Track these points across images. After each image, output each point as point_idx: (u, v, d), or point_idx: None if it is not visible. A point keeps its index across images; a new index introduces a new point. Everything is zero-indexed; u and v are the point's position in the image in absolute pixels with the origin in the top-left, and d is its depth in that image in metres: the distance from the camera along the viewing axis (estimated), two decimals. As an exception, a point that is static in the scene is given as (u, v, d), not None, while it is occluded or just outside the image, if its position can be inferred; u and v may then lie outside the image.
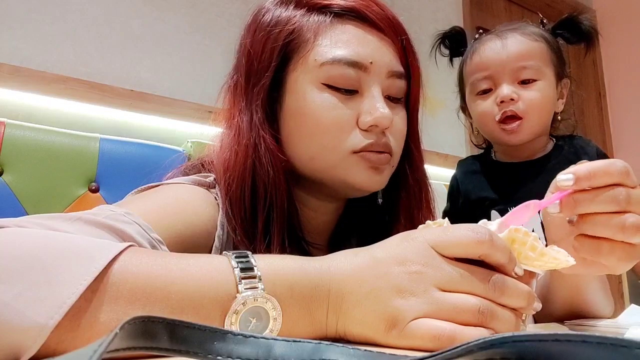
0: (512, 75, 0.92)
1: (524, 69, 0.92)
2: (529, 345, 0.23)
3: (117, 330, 0.24)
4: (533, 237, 0.40)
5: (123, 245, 0.35)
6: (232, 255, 0.37)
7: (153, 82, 1.54)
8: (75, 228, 0.40)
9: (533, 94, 0.92)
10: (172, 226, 0.51)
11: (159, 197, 0.55)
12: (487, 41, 0.97)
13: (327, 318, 0.38)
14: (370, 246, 0.41)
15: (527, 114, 0.91)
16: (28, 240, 0.34)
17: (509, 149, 1.00)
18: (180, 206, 0.54)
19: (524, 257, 0.40)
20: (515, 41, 0.94)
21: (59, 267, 0.32)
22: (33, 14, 1.37)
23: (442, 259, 0.38)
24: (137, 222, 0.45)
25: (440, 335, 0.35)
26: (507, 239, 0.40)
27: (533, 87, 0.92)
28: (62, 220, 0.40)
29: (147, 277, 0.34)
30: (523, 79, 0.92)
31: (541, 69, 0.93)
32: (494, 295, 0.37)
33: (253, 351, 0.30)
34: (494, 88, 0.94)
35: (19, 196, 0.84)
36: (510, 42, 0.94)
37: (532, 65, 0.92)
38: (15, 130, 0.86)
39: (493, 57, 0.94)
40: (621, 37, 2.99)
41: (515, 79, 0.92)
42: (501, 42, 0.94)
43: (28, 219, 0.38)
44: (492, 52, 0.94)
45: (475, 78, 0.96)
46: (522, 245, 0.40)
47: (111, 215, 0.44)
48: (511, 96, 0.90)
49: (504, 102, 0.91)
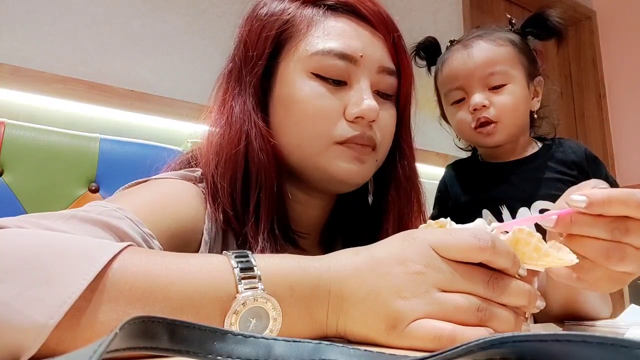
0: (481, 83, 0.94)
1: (492, 75, 0.94)
2: (529, 345, 0.23)
3: (117, 330, 0.24)
4: (537, 237, 0.40)
5: (122, 245, 0.35)
6: (232, 255, 0.37)
7: (153, 82, 1.54)
8: (70, 226, 0.40)
9: (504, 98, 0.94)
10: (162, 220, 0.51)
11: (148, 192, 0.55)
12: (455, 52, 0.99)
13: (327, 318, 0.38)
14: (371, 245, 0.41)
15: (500, 118, 0.94)
16: (27, 240, 0.34)
17: (490, 150, 1.03)
18: (168, 201, 0.54)
19: (528, 257, 0.40)
20: (480, 49, 0.96)
21: (58, 267, 0.32)
22: (33, 14, 1.37)
23: (442, 260, 0.38)
24: (128, 217, 0.45)
25: (441, 335, 0.35)
26: (512, 239, 0.41)
27: (504, 92, 0.94)
28: (56, 218, 0.40)
29: (147, 277, 0.34)
30: (492, 85, 0.94)
31: (509, 72, 0.95)
32: (493, 295, 0.38)
33: (253, 351, 0.30)
34: (467, 97, 0.96)
35: (19, 196, 0.84)
36: (475, 50, 0.96)
37: (499, 70, 0.94)
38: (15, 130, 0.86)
39: (460, 68, 0.96)
40: (621, 37, 2.99)
41: (485, 85, 0.95)
42: (467, 52, 0.97)
43: (23, 218, 0.38)
44: (458, 62, 0.97)
45: (448, 89, 0.99)
46: (525, 246, 0.40)
47: (104, 212, 0.44)
48: (483, 103, 0.93)
49: (477, 110, 0.94)
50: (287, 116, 0.59)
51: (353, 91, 0.58)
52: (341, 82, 0.59)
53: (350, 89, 0.59)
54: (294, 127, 0.59)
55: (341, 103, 0.58)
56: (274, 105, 0.60)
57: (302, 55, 0.58)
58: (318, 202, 0.66)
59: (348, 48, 0.58)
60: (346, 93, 0.59)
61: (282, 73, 0.60)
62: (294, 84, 0.58)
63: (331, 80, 0.58)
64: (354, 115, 0.57)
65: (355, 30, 0.59)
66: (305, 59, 0.58)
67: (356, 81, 0.59)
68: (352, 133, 0.57)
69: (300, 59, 0.59)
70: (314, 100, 0.58)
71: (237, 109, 0.60)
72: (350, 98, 0.58)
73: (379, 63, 0.60)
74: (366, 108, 0.57)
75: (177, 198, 0.55)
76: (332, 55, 0.58)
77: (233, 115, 0.60)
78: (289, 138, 0.59)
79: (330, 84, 0.58)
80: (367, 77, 0.59)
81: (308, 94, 0.58)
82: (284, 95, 0.59)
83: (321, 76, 0.58)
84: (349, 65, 0.58)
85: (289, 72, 0.59)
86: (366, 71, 0.59)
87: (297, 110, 0.58)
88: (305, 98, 0.58)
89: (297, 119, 0.58)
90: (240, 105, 0.60)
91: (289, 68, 0.59)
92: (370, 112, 0.57)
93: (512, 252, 0.39)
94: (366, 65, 0.59)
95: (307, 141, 0.58)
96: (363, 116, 0.57)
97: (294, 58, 0.59)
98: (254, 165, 0.57)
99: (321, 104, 0.58)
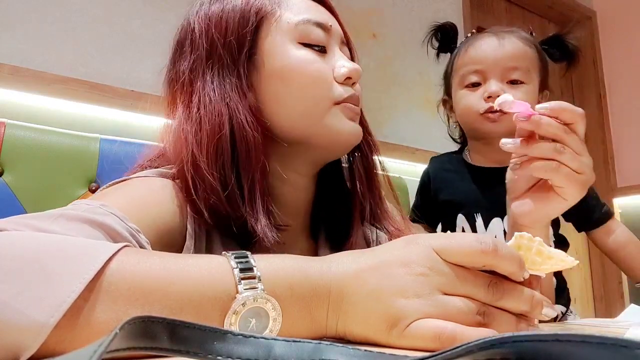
0: (503, 74, 0.95)
1: (515, 69, 0.95)
2: (529, 346, 0.23)
3: (117, 330, 0.24)
4: (538, 241, 0.41)
5: (118, 245, 0.35)
6: (232, 256, 0.37)
7: (153, 83, 1.54)
8: (59, 226, 0.39)
9: (519, 95, 0.94)
10: (146, 217, 0.50)
11: (129, 190, 0.54)
12: (485, 37, 1.00)
13: (327, 318, 0.38)
14: (373, 248, 0.42)
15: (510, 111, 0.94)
16: (26, 241, 0.34)
17: (483, 147, 1.02)
18: (150, 198, 0.53)
19: (530, 262, 0.41)
20: (512, 42, 0.97)
21: (57, 267, 0.32)
22: (33, 14, 1.37)
23: (445, 264, 0.38)
24: (113, 212, 0.45)
25: (441, 334, 0.35)
26: (514, 246, 0.41)
27: (520, 89, 0.95)
28: (45, 218, 0.40)
29: (146, 277, 0.34)
30: (512, 79, 0.95)
31: (530, 73, 0.96)
32: (493, 299, 0.38)
33: (253, 351, 0.30)
34: (483, 83, 0.97)
35: (19, 196, 0.84)
36: (507, 42, 0.97)
37: (523, 67, 0.95)
38: (15, 130, 0.86)
39: (489, 52, 0.97)
40: (621, 37, 2.99)
41: (505, 77, 0.95)
42: (498, 41, 0.97)
43: (12, 219, 0.38)
44: (488, 47, 0.98)
45: (467, 70, 0.99)
46: (527, 251, 0.41)
47: (88, 209, 0.44)
48: (499, 93, 0.93)
49: (491, 98, 0.94)
50: (286, 86, 0.60)
51: (334, 56, 0.63)
52: (323, 48, 0.63)
53: (331, 55, 0.63)
54: (297, 93, 0.60)
55: (329, 67, 0.62)
56: (266, 81, 0.60)
57: (286, 27, 0.61)
58: (301, 181, 0.66)
59: (321, 18, 0.63)
60: (329, 58, 0.63)
61: (268, 49, 0.61)
62: (286, 54, 0.60)
63: (316, 47, 0.62)
64: (344, 76, 0.61)
65: (315, 6, 0.65)
66: (291, 30, 0.61)
67: (332, 48, 0.64)
68: (348, 92, 0.62)
69: (285, 32, 0.61)
70: (310, 65, 0.61)
71: (214, 96, 0.59)
72: (335, 62, 0.62)
73: (341, 35, 0.66)
74: (353, 69, 0.62)
75: (158, 195, 0.55)
76: (312, 24, 0.62)
77: (210, 103, 0.58)
78: (289, 110, 0.60)
79: (316, 51, 0.62)
80: (336, 46, 0.64)
81: (303, 61, 0.61)
82: (278, 67, 0.60)
83: (307, 44, 0.61)
84: (325, 34, 0.63)
85: (276, 46, 0.61)
86: (334, 41, 0.64)
87: (297, 77, 0.60)
88: (302, 64, 0.60)
89: (298, 85, 0.60)
90: (218, 92, 0.59)
91: (275, 42, 0.61)
92: (357, 73, 0.62)
93: (516, 255, 0.40)
94: (334, 35, 0.64)
95: (312, 105, 0.60)
96: (351, 76, 0.62)
97: (278, 32, 0.61)
98: (244, 147, 0.56)
99: (316, 67, 0.61)
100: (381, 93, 2.05)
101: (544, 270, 0.41)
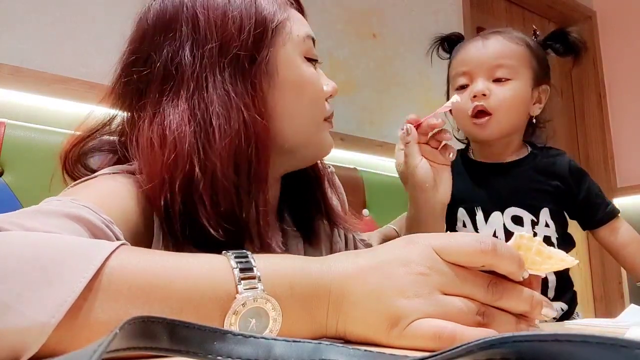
0: (487, 72, 0.97)
1: (500, 67, 0.96)
2: (529, 346, 0.23)
3: (117, 330, 0.24)
4: (538, 241, 0.41)
5: (115, 243, 0.35)
6: (232, 255, 0.37)
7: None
8: (38, 222, 0.39)
9: (505, 92, 0.96)
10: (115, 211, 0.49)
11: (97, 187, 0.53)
12: (472, 41, 1.03)
13: (327, 318, 0.38)
14: (373, 248, 0.42)
15: (496, 111, 0.95)
16: (24, 241, 0.34)
17: (481, 146, 1.05)
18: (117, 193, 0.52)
19: (530, 262, 0.41)
20: (496, 42, 0.99)
21: (57, 266, 0.32)
22: (33, 14, 1.37)
23: (445, 263, 0.38)
24: (85, 205, 0.44)
25: (441, 334, 0.35)
26: (514, 245, 0.42)
27: (506, 85, 0.96)
28: (24, 216, 0.39)
29: (146, 276, 0.34)
30: (497, 77, 0.96)
31: (517, 69, 0.97)
32: (493, 299, 0.38)
33: (253, 351, 0.30)
34: (470, 84, 0.98)
35: (19, 196, 0.84)
36: (492, 42, 0.99)
37: (507, 64, 0.96)
38: (15, 130, 0.86)
39: (472, 54, 0.99)
40: (621, 37, 2.99)
41: (490, 76, 0.97)
42: (482, 42, 1.00)
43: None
44: (473, 48, 1.00)
45: (456, 73, 1.01)
46: (527, 251, 0.41)
47: (60, 204, 0.43)
48: (483, 91, 0.95)
49: (476, 97, 0.95)
50: (298, 98, 0.61)
51: (319, 73, 0.65)
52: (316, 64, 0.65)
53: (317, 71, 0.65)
54: (306, 106, 0.62)
55: None
56: (278, 90, 0.59)
57: (296, 40, 0.61)
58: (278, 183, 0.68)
59: (313, 33, 0.65)
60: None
61: (283, 59, 0.59)
62: (299, 67, 0.61)
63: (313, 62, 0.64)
64: (329, 93, 0.65)
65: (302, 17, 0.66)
66: (300, 43, 0.62)
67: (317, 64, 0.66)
68: (331, 109, 0.66)
69: (295, 44, 0.61)
70: (317, 82, 0.63)
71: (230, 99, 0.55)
72: (321, 79, 0.65)
73: None
74: (335, 87, 0.66)
75: (125, 189, 0.53)
76: (310, 39, 0.64)
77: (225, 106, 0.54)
78: (295, 120, 0.60)
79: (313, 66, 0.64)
80: None
81: (314, 76, 0.63)
82: (291, 79, 0.60)
83: (309, 59, 0.63)
84: None
85: (288, 56, 0.60)
86: None
87: (309, 92, 0.62)
88: (314, 79, 0.63)
89: (309, 99, 0.62)
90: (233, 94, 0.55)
91: (288, 53, 0.60)
92: (337, 91, 0.66)
93: (516, 255, 0.40)
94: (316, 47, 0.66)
95: (315, 119, 0.63)
96: (333, 94, 0.66)
97: (290, 43, 0.61)
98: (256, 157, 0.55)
99: (321, 84, 0.64)
100: (381, 93, 2.05)
101: (544, 270, 0.41)
